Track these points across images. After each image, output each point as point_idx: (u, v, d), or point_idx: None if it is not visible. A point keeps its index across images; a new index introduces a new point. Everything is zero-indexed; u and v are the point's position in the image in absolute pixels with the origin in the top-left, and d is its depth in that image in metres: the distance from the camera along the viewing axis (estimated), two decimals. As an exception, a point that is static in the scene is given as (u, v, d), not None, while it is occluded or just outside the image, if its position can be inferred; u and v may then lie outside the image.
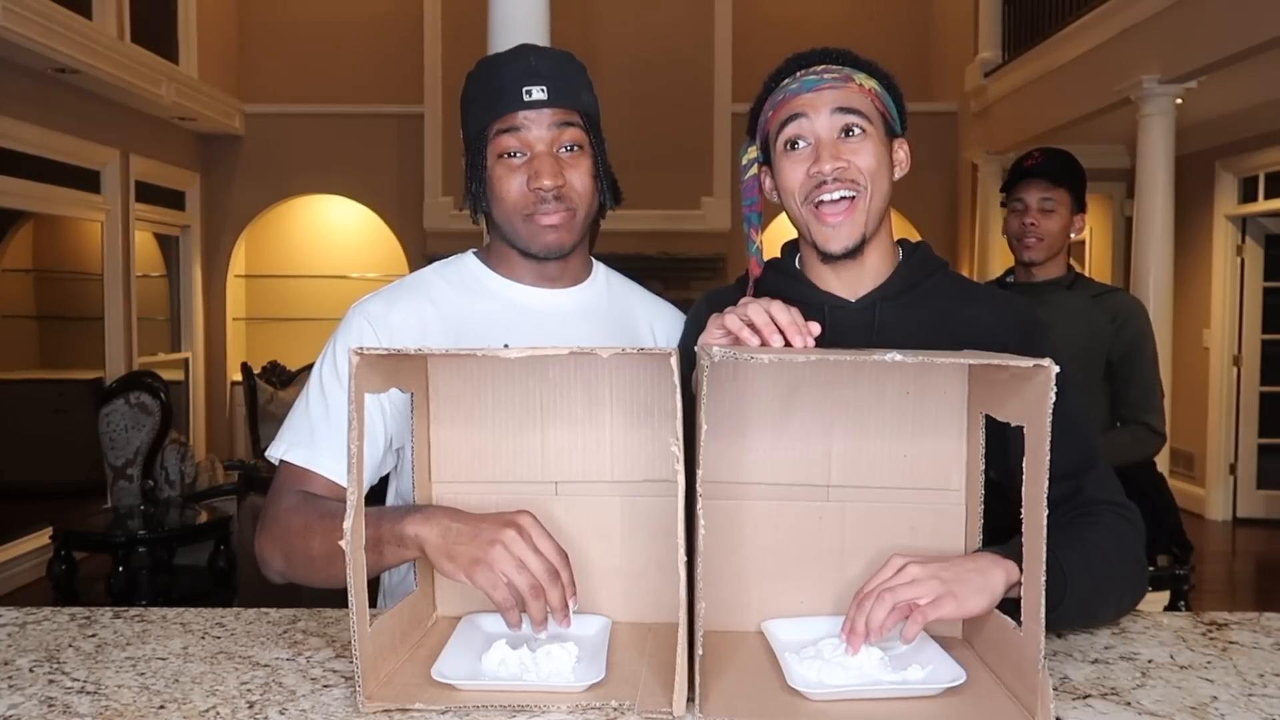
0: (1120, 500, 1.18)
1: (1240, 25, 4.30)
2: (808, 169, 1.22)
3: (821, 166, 1.21)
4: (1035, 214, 2.51)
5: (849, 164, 1.21)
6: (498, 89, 1.31)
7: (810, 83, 1.23)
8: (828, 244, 1.24)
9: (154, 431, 4.65)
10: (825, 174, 1.21)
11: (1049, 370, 0.87)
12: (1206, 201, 6.59)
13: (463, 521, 1.02)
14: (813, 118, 1.22)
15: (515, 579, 0.98)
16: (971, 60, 7.45)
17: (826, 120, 1.22)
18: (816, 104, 1.22)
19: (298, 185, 7.92)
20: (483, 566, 0.98)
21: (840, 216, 1.22)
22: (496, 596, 0.98)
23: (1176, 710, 0.93)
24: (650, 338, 1.45)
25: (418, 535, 1.03)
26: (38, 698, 0.96)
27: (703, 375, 0.91)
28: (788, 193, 1.26)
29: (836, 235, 1.23)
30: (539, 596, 0.98)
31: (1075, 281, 2.57)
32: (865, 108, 1.23)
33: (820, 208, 1.22)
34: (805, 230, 1.26)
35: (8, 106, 5.10)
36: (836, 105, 1.22)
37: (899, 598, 0.97)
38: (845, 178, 1.21)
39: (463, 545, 1.00)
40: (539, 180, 1.28)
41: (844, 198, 1.22)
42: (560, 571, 1.00)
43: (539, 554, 0.99)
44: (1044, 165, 2.54)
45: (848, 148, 1.22)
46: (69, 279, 7.08)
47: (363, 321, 1.33)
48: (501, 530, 0.99)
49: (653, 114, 7.38)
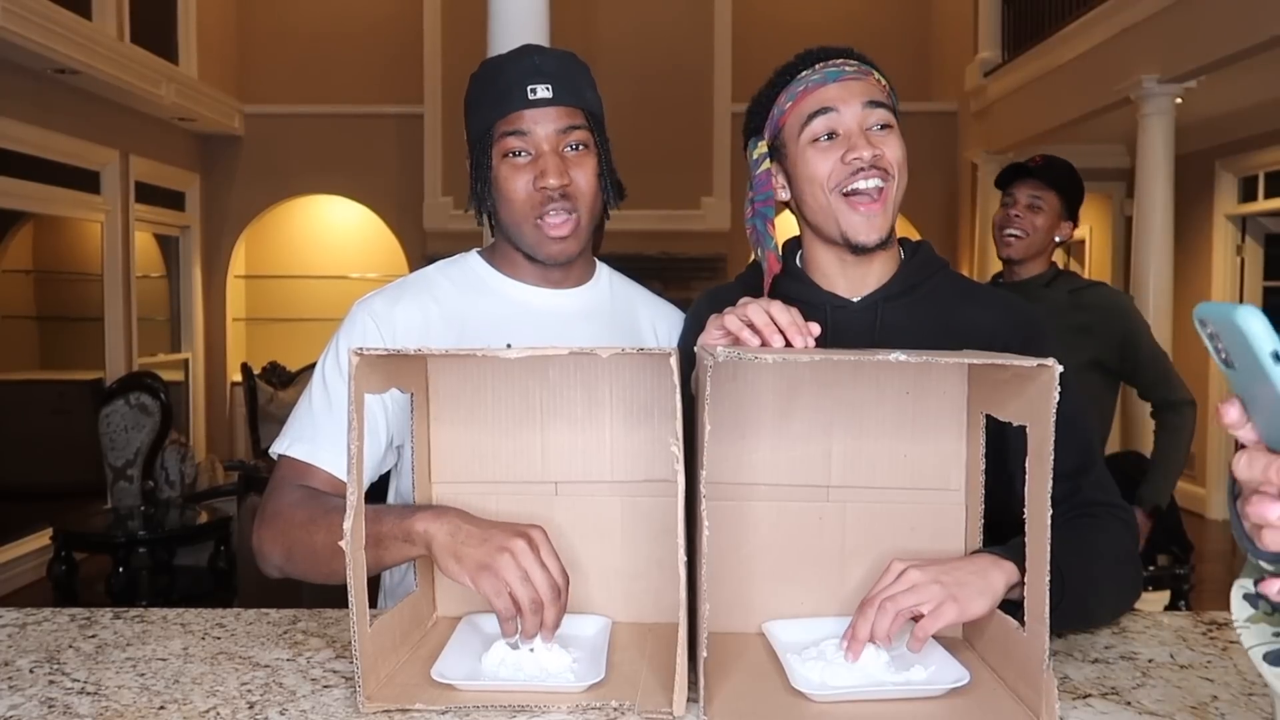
0: (1116, 502, 1.19)
1: (1240, 25, 4.30)
2: (841, 156, 1.21)
3: (860, 153, 1.19)
4: (1022, 208, 2.54)
5: (883, 153, 1.21)
6: (502, 88, 1.30)
7: (834, 74, 1.22)
8: (858, 235, 1.22)
9: (154, 432, 4.65)
10: (865, 160, 1.19)
11: (1052, 370, 0.87)
12: (1206, 201, 6.59)
13: (473, 524, 1.02)
14: (843, 110, 1.21)
15: (518, 590, 0.97)
16: (971, 60, 7.45)
17: (858, 112, 1.21)
18: (845, 95, 1.21)
19: (297, 185, 7.92)
20: (489, 573, 0.98)
21: (875, 206, 1.21)
22: (498, 604, 0.98)
23: (1177, 710, 0.93)
24: (653, 338, 1.45)
25: (426, 532, 1.02)
26: (38, 698, 0.96)
27: (705, 375, 0.90)
28: (814, 183, 1.23)
29: (869, 225, 1.21)
30: (538, 611, 0.97)
31: (1055, 279, 2.58)
32: (888, 102, 1.24)
33: (853, 197, 1.21)
34: (833, 222, 1.23)
35: (8, 107, 5.09)
36: (867, 98, 1.21)
37: (900, 606, 0.97)
38: (880, 165, 1.21)
39: (471, 548, 1.00)
40: (545, 180, 1.28)
41: (878, 185, 1.21)
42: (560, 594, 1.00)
43: (545, 570, 0.99)
44: (1041, 168, 2.57)
45: (877, 138, 1.22)
46: (69, 279, 7.08)
47: (367, 318, 1.33)
48: (512, 540, 0.99)
49: (653, 114, 7.38)
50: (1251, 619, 0.61)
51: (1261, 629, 0.61)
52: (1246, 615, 0.61)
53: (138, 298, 6.46)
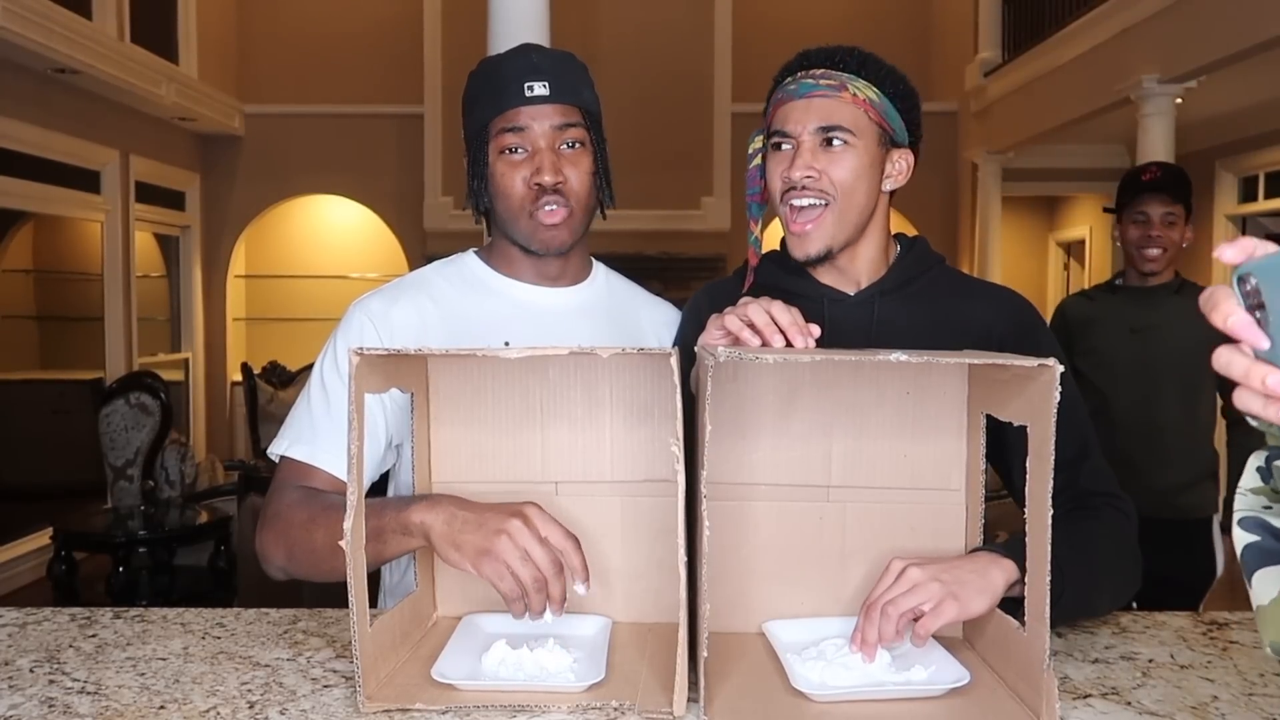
0: (1114, 492, 1.19)
1: (1240, 25, 4.29)
2: (781, 172, 1.23)
3: (792, 173, 1.21)
4: (1159, 226, 2.58)
5: (821, 174, 1.21)
6: (500, 85, 1.31)
7: (805, 87, 1.23)
8: (793, 249, 1.25)
9: (154, 432, 4.65)
10: (794, 180, 1.21)
11: (1053, 370, 0.87)
12: (1206, 201, 6.59)
13: (468, 510, 1.02)
14: (794, 130, 1.22)
15: (520, 571, 0.97)
16: (971, 60, 7.45)
17: (810, 133, 1.22)
18: (802, 116, 1.22)
19: (298, 185, 7.92)
20: (489, 557, 0.98)
21: (808, 224, 1.22)
22: (503, 587, 0.98)
23: (1177, 710, 0.93)
24: (652, 335, 1.45)
25: (423, 522, 1.02)
26: (38, 698, 0.96)
27: (705, 375, 0.90)
28: (770, 190, 1.27)
29: (801, 243, 1.24)
30: (541, 589, 0.98)
31: (1182, 286, 2.63)
32: (852, 121, 1.21)
33: (791, 211, 1.24)
34: (784, 229, 1.27)
35: (8, 106, 5.09)
36: (820, 121, 1.21)
37: (902, 608, 0.97)
38: (815, 187, 1.21)
39: (468, 534, 1.00)
40: (540, 176, 1.29)
41: (812, 205, 1.22)
42: (570, 558, 1.00)
43: (545, 545, 0.99)
44: (1165, 180, 2.61)
45: (826, 156, 1.21)
46: (69, 279, 7.08)
47: (363, 318, 1.33)
48: (508, 520, 0.99)
49: (653, 114, 7.38)
50: (1255, 489, 0.63)
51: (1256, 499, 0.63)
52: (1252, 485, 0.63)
53: (138, 297, 6.46)
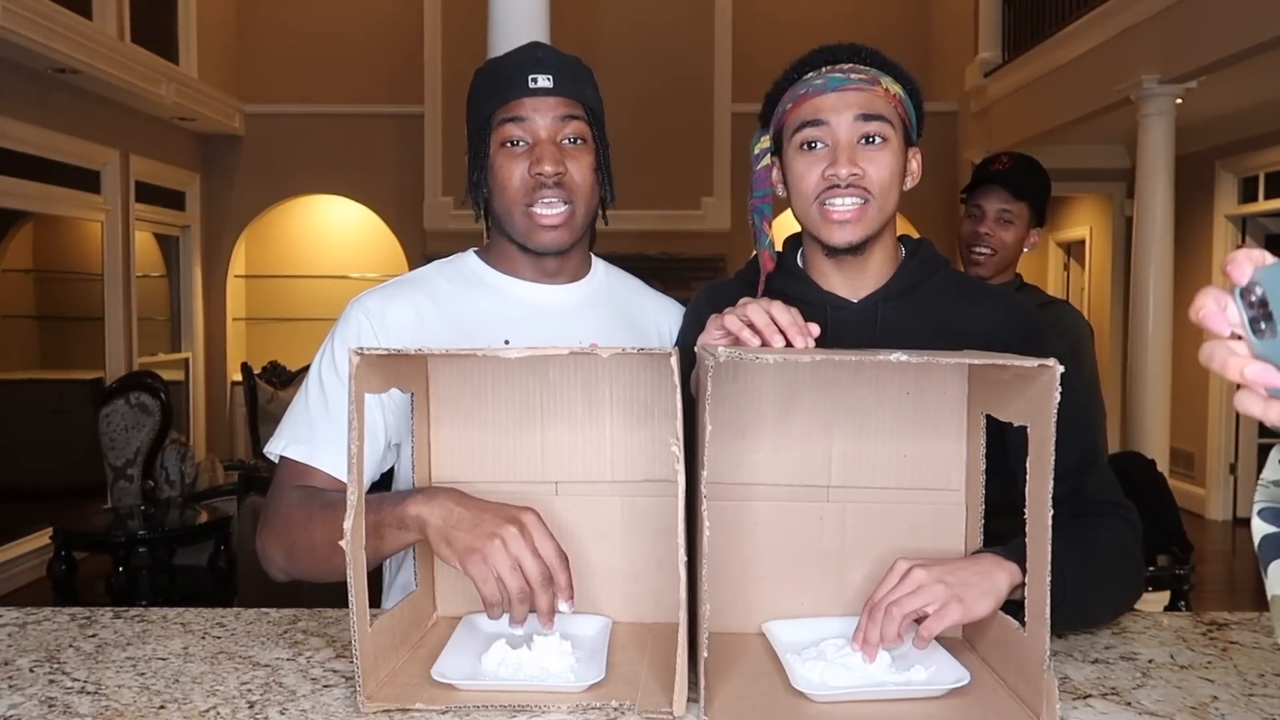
0: (1120, 500, 1.18)
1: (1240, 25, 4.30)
2: (822, 170, 1.20)
3: (838, 170, 1.18)
4: (991, 224, 2.42)
5: (864, 172, 1.19)
6: (504, 77, 1.31)
7: (836, 81, 1.20)
8: (831, 237, 1.22)
9: (154, 432, 4.65)
10: (841, 178, 1.18)
11: (1053, 370, 0.87)
12: (1206, 201, 6.59)
13: (465, 506, 1.02)
14: (834, 122, 1.19)
15: (507, 578, 0.97)
16: (971, 60, 7.45)
17: (848, 125, 1.19)
18: (839, 107, 1.19)
19: (298, 185, 7.92)
20: (477, 557, 0.98)
21: (848, 216, 1.20)
22: (485, 590, 0.98)
23: (1177, 710, 0.93)
24: (654, 329, 1.44)
25: (419, 516, 1.02)
26: (38, 698, 0.96)
27: (705, 375, 0.90)
28: (797, 190, 1.23)
29: (841, 231, 1.21)
30: (525, 601, 0.97)
31: (1020, 290, 2.49)
32: (889, 114, 1.20)
33: (829, 210, 1.21)
34: (811, 226, 1.25)
35: (8, 106, 5.09)
36: (860, 111, 1.19)
37: (906, 610, 0.97)
38: (859, 184, 1.19)
39: (462, 532, 0.99)
40: (540, 166, 1.28)
41: (854, 205, 1.20)
42: (557, 575, 0.99)
43: (537, 556, 0.98)
44: (1010, 173, 2.45)
45: (865, 154, 1.19)
46: (69, 279, 7.07)
47: (361, 317, 1.33)
48: (504, 525, 0.99)
49: (653, 114, 7.38)
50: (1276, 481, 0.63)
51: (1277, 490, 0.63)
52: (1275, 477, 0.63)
53: (138, 297, 6.46)
